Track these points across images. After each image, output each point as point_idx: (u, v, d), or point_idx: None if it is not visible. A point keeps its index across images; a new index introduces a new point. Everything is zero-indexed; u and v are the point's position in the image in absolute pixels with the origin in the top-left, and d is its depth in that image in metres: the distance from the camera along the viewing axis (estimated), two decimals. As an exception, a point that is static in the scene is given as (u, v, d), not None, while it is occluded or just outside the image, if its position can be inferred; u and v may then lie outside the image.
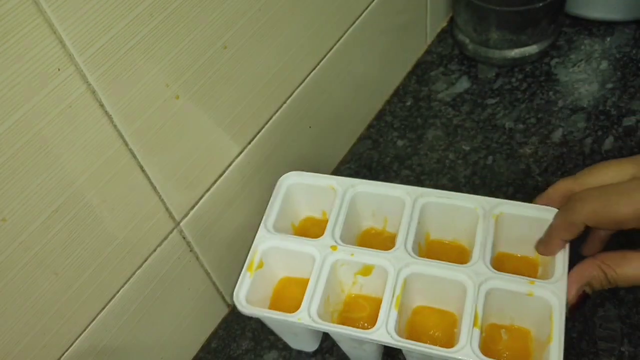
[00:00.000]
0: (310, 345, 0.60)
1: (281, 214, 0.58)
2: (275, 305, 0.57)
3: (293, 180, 0.59)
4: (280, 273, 0.58)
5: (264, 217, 0.56)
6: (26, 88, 0.36)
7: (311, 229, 0.60)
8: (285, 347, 0.60)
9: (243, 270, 0.54)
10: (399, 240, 0.53)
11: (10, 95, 0.35)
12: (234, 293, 0.53)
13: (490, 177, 0.69)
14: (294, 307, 0.51)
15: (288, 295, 0.57)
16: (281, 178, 0.59)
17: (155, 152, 0.47)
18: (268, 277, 0.56)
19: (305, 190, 0.59)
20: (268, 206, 0.57)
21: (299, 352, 0.60)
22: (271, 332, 0.62)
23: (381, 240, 0.59)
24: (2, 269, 0.39)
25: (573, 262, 0.50)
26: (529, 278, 0.50)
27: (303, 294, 0.51)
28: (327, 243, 0.54)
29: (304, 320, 0.50)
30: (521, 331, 0.52)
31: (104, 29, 0.39)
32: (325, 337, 0.60)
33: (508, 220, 0.54)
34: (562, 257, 0.51)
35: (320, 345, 0.60)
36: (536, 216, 0.53)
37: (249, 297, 0.53)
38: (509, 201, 0.54)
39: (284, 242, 0.55)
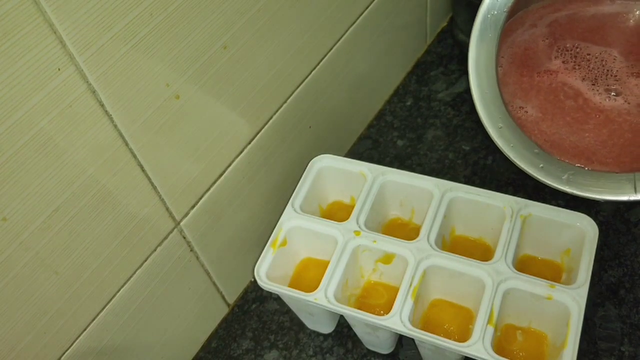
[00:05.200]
0: (325, 327, 0.60)
1: (309, 195, 0.58)
2: (295, 284, 0.58)
3: (325, 163, 0.60)
4: (303, 253, 0.59)
5: (292, 197, 0.57)
6: (26, 88, 0.36)
7: (338, 212, 0.61)
8: (286, 346, 0.61)
9: (266, 246, 0.55)
10: (423, 232, 0.54)
11: (10, 95, 0.35)
12: (255, 267, 0.53)
13: (490, 177, 0.69)
14: (313, 288, 0.52)
15: (309, 275, 0.58)
16: (313, 160, 0.60)
17: (155, 151, 0.47)
18: (291, 255, 0.57)
19: (336, 174, 0.60)
20: (297, 186, 0.58)
21: (300, 351, 0.60)
22: (271, 332, 0.62)
23: (407, 232, 0.60)
24: (2, 269, 0.40)
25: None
26: (549, 281, 0.50)
27: (324, 276, 0.52)
28: (350, 227, 0.55)
29: (320, 301, 0.51)
30: (537, 334, 0.53)
31: (104, 29, 0.39)
32: (332, 333, 0.61)
33: (536, 223, 0.54)
34: (586, 265, 0.50)
35: (319, 346, 0.60)
36: (566, 221, 0.53)
37: (270, 273, 0.54)
38: (539, 203, 0.54)
39: (309, 223, 0.56)
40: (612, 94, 0.50)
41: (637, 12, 0.54)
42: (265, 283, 0.53)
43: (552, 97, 0.51)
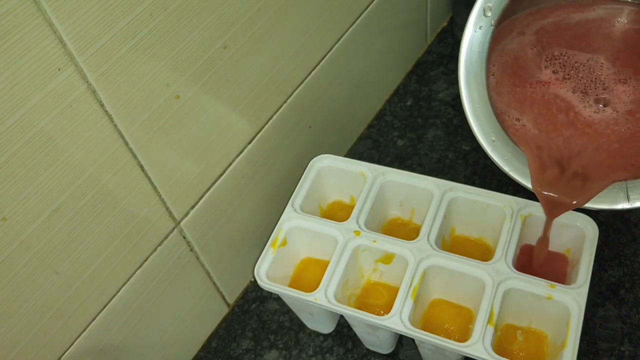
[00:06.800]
0: (325, 327, 0.60)
1: (309, 195, 0.58)
2: (295, 284, 0.58)
3: (325, 163, 0.60)
4: (303, 253, 0.59)
5: (292, 197, 0.57)
6: (26, 88, 0.36)
7: (338, 212, 0.61)
8: (286, 346, 0.61)
9: (266, 246, 0.55)
10: (423, 232, 0.54)
11: (10, 95, 0.36)
12: (255, 267, 0.54)
13: (491, 177, 0.69)
14: (313, 288, 0.52)
15: (309, 275, 0.58)
16: (313, 160, 0.60)
17: (155, 151, 0.47)
18: (291, 255, 0.57)
19: (336, 174, 0.60)
20: (297, 186, 0.58)
21: (299, 352, 0.60)
22: (271, 332, 0.62)
23: (407, 231, 0.60)
24: (3, 268, 0.40)
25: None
26: (549, 281, 0.50)
27: (324, 276, 0.52)
28: (350, 227, 0.55)
29: (320, 301, 0.51)
30: (538, 334, 0.53)
31: (104, 29, 0.39)
32: (332, 333, 0.61)
33: (536, 223, 0.54)
34: (586, 265, 0.50)
35: (319, 346, 0.60)
36: (566, 221, 0.53)
37: (270, 273, 0.54)
38: (539, 203, 0.54)
39: (309, 223, 0.56)
40: (601, 105, 0.51)
41: (621, 18, 0.55)
42: (265, 283, 0.53)
43: (545, 110, 0.52)
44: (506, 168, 0.50)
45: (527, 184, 0.50)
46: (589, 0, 0.55)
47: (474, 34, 0.50)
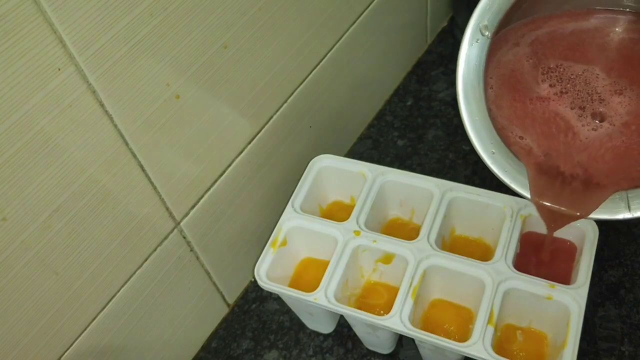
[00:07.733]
0: (325, 327, 0.60)
1: (309, 195, 0.58)
2: (295, 284, 0.58)
3: (325, 164, 0.60)
4: (303, 253, 0.59)
5: (292, 197, 0.57)
6: (26, 88, 0.36)
7: (338, 213, 0.61)
8: (286, 346, 0.61)
9: (266, 246, 0.55)
10: (423, 232, 0.54)
11: (10, 95, 0.35)
12: (255, 267, 0.54)
13: (491, 177, 0.69)
14: (313, 288, 0.52)
15: (309, 275, 0.58)
16: (313, 160, 0.60)
17: (155, 151, 0.47)
18: (291, 255, 0.57)
19: (336, 174, 0.60)
20: (297, 186, 0.58)
21: (299, 352, 0.60)
22: (271, 332, 0.62)
23: (407, 232, 0.60)
24: (2, 269, 0.40)
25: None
26: (549, 281, 0.50)
27: (324, 276, 0.52)
28: (350, 227, 0.55)
29: (320, 301, 0.51)
30: (537, 334, 0.53)
31: (104, 29, 0.39)
32: (332, 333, 0.61)
33: (537, 222, 0.54)
34: (586, 265, 0.50)
35: (319, 346, 0.60)
36: None
37: (270, 273, 0.54)
38: None
39: (309, 223, 0.56)
40: (597, 120, 0.51)
41: (614, 28, 0.55)
42: (265, 283, 0.53)
43: (546, 129, 0.52)
44: (507, 180, 0.50)
45: (528, 195, 0.50)
46: (582, 10, 0.55)
47: (471, 48, 0.50)
